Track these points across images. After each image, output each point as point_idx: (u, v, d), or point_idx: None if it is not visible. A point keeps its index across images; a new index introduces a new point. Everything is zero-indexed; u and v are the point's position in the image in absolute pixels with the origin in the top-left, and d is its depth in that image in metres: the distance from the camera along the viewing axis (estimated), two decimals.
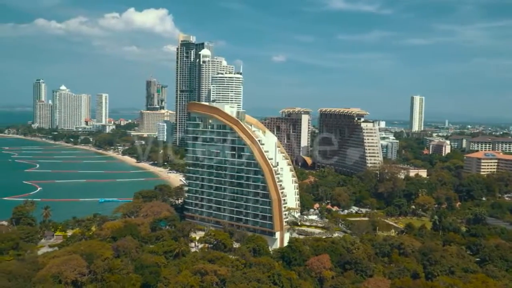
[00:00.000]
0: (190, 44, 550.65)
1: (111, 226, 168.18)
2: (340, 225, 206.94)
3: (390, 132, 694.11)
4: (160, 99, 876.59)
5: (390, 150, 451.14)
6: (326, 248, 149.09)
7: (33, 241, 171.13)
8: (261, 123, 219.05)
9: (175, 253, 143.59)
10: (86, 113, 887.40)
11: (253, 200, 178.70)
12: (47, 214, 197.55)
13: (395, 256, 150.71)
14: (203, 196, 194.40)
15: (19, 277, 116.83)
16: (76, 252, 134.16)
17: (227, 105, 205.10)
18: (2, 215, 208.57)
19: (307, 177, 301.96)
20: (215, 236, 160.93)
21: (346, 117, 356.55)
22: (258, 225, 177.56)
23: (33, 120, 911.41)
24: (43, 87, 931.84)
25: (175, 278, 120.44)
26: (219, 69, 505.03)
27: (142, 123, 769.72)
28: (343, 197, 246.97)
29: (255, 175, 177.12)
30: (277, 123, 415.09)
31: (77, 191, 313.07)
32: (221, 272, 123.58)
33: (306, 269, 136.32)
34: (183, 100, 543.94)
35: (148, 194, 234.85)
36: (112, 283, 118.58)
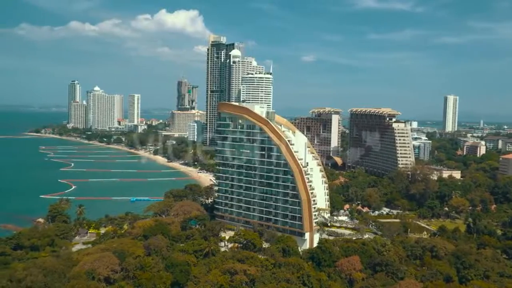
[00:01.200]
0: (220, 45, 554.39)
1: (142, 224, 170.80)
2: (371, 227, 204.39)
3: (423, 133, 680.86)
4: (191, 99, 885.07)
5: (423, 151, 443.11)
6: (356, 249, 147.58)
7: (67, 238, 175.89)
8: (291, 123, 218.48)
9: (205, 252, 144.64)
10: (119, 113, 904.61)
11: (283, 201, 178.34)
12: (81, 212, 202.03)
13: (427, 259, 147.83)
14: (233, 195, 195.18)
15: (54, 273, 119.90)
16: (108, 250, 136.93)
17: (257, 105, 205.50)
18: (39, 212, 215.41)
19: (337, 178, 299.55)
20: (245, 236, 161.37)
21: (377, 117, 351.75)
22: (287, 226, 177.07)
23: (68, 120, 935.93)
24: (77, 88, 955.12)
25: (204, 277, 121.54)
26: (249, 69, 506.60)
27: (173, 123, 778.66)
28: (374, 198, 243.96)
29: (285, 175, 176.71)
30: (307, 123, 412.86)
31: (109, 189, 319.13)
32: (251, 271, 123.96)
33: (336, 270, 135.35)
34: (213, 100, 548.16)
35: (179, 193, 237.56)
36: (143, 280, 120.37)
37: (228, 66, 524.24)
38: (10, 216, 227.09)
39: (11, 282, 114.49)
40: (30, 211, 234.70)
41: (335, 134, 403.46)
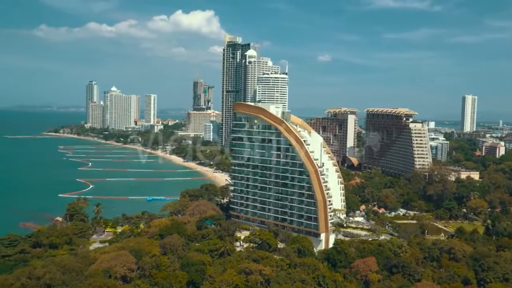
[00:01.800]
0: (236, 45, 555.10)
1: (158, 224, 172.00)
2: (387, 228, 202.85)
3: (440, 133, 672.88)
4: (206, 100, 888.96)
5: (440, 151, 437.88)
6: (372, 250, 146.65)
7: (85, 236, 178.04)
8: (306, 123, 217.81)
9: (220, 251, 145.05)
10: (136, 113, 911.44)
11: (298, 201, 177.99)
12: (99, 211, 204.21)
13: (444, 261, 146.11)
14: (248, 195, 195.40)
15: (72, 270, 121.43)
16: (125, 249, 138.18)
17: (273, 105, 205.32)
18: (58, 211, 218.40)
19: (353, 178, 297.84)
20: (260, 236, 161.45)
21: (393, 117, 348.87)
22: (303, 226, 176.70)
23: (85, 120, 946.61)
24: (95, 89, 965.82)
25: (220, 277, 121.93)
26: (265, 69, 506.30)
27: (189, 123, 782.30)
28: (390, 199, 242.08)
29: (300, 176, 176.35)
30: (323, 123, 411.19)
31: (126, 189, 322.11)
32: (266, 271, 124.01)
33: (352, 271, 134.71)
34: (229, 101, 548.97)
35: (195, 193, 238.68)
36: (159, 279, 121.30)
37: (243, 66, 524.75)
38: (29, 214, 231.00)
39: (30, 279, 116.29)
40: (49, 209, 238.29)
41: (351, 134, 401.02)
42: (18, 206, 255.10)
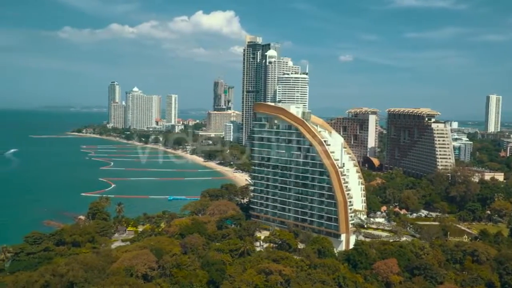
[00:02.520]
0: (256, 45, 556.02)
1: (179, 223, 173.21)
2: (409, 229, 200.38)
3: (463, 133, 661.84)
4: (227, 100, 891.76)
5: (463, 152, 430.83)
6: (393, 252, 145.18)
7: (107, 235, 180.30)
8: (327, 123, 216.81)
9: (240, 251, 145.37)
10: (157, 113, 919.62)
11: (318, 201, 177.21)
12: (120, 210, 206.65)
13: (468, 263, 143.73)
14: (268, 196, 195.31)
15: (94, 268, 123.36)
16: (146, 247, 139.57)
17: (293, 105, 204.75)
18: (80, 209, 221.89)
19: (374, 179, 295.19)
20: (280, 236, 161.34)
21: (415, 117, 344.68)
22: (323, 227, 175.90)
23: (108, 120, 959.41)
24: (117, 89, 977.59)
25: (240, 276, 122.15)
26: (285, 69, 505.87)
27: (210, 123, 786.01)
28: (412, 200, 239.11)
29: (321, 176, 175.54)
30: (344, 124, 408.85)
31: (147, 188, 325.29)
32: (286, 272, 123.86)
33: (373, 273, 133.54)
34: (249, 101, 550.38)
35: (215, 192, 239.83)
36: (180, 278, 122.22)
37: (264, 66, 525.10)
38: (53, 212, 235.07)
39: (54, 276, 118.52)
40: (72, 208, 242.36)
41: (372, 134, 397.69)
42: (42, 204, 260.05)
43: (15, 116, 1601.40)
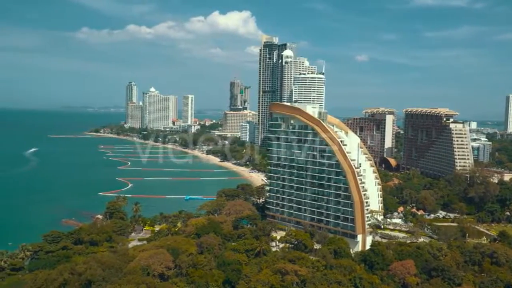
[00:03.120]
0: (272, 45, 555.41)
1: (195, 223, 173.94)
2: (426, 230, 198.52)
3: (482, 134, 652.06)
4: (243, 100, 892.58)
5: (482, 153, 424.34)
6: (410, 253, 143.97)
7: (124, 234, 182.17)
8: (343, 123, 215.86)
9: (256, 251, 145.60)
10: (173, 113, 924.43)
11: (335, 202, 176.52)
12: (137, 210, 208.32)
13: (486, 265, 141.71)
14: (284, 196, 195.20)
15: (112, 267, 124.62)
16: (163, 247, 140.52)
17: (309, 105, 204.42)
18: (98, 209, 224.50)
19: (391, 179, 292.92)
20: (296, 236, 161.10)
21: (433, 117, 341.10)
22: (339, 227, 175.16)
23: (125, 120, 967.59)
24: (134, 89, 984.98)
25: (256, 276, 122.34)
26: (301, 69, 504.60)
27: (226, 123, 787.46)
28: (430, 200, 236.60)
29: (337, 176, 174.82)
30: (360, 124, 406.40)
31: (164, 188, 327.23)
32: (302, 272, 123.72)
33: (389, 274, 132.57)
34: (265, 101, 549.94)
35: (231, 192, 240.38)
36: (196, 278, 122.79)
37: (280, 66, 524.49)
38: (71, 211, 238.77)
39: (72, 275, 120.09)
40: (89, 207, 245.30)
41: (389, 134, 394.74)
42: (60, 203, 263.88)
43: (34, 116, 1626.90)
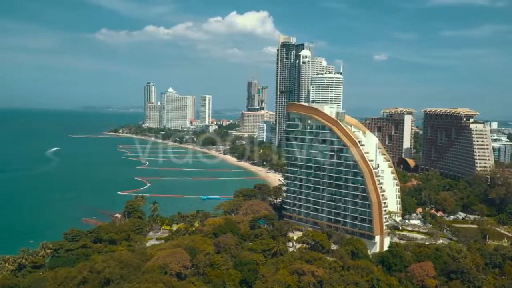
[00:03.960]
0: (290, 45, 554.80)
1: (212, 222, 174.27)
2: (445, 232, 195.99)
3: (503, 134, 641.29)
4: (260, 100, 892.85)
5: (503, 153, 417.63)
6: (429, 255, 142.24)
7: (142, 233, 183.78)
8: (361, 123, 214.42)
9: (273, 251, 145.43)
10: (191, 113, 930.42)
11: (352, 202, 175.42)
12: (155, 209, 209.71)
13: (507, 268, 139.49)
14: (301, 196, 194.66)
15: (130, 266, 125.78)
16: (180, 246, 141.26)
17: (327, 105, 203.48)
18: (117, 208, 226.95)
19: (410, 180, 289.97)
20: (313, 237, 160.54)
21: (453, 117, 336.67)
22: (357, 228, 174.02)
23: (143, 120, 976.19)
24: (152, 90, 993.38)
25: (272, 277, 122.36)
26: (319, 69, 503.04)
27: (243, 123, 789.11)
28: (449, 202, 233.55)
29: (354, 177, 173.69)
30: (378, 124, 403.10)
31: (182, 188, 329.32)
32: (319, 273, 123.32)
33: (408, 275, 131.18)
34: (282, 101, 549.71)
35: (248, 192, 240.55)
36: (213, 277, 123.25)
37: (297, 66, 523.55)
38: (90, 210, 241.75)
39: (91, 273, 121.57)
40: (108, 206, 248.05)
41: (408, 135, 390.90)
42: (80, 202, 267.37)
43: (55, 116, 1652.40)
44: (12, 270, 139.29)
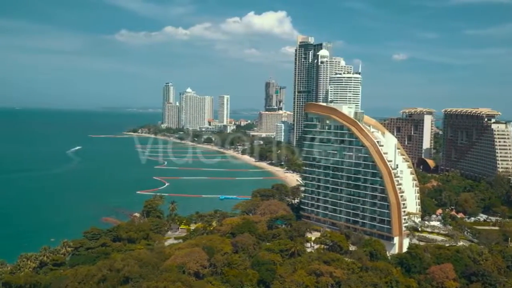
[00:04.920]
0: (308, 45, 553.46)
1: (230, 222, 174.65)
2: (466, 234, 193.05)
3: None
4: (278, 100, 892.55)
5: None
6: (449, 257, 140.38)
7: (161, 232, 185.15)
8: (380, 123, 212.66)
9: (290, 252, 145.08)
10: (209, 113, 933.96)
11: (371, 203, 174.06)
12: (174, 208, 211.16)
13: None
14: (319, 196, 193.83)
15: (148, 265, 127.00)
16: (198, 245, 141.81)
17: (345, 105, 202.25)
18: (135, 207, 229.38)
19: (429, 181, 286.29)
20: (331, 238, 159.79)
21: (474, 117, 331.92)
22: (375, 229, 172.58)
23: (162, 120, 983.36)
24: (171, 90, 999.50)
25: (290, 277, 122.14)
26: (337, 69, 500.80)
27: (261, 123, 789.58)
28: (470, 203, 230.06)
29: (373, 177, 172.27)
30: (397, 124, 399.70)
31: (200, 187, 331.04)
32: (337, 274, 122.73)
33: (427, 277, 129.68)
34: (300, 101, 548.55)
35: (266, 192, 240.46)
36: (230, 277, 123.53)
37: (316, 66, 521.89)
38: (110, 209, 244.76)
39: (110, 271, 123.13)
40: (127, 205, 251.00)
41: (427, 135, 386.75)
42: (100, 201, 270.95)
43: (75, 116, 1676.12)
44: (34, 268, 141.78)
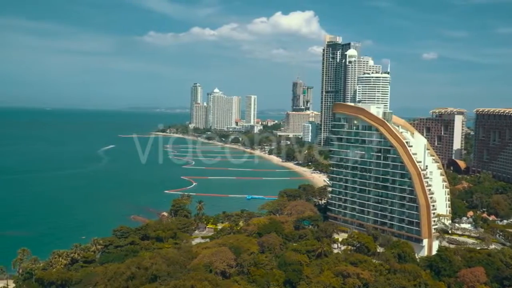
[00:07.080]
0: (336, 45, 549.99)
1: (257, 222, 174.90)
2: (498, 237, 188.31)
3: None
4: (305, 100, 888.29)
5: None
6: (480, 260, 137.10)
7: (188, 231, 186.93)
8: (409, 124, 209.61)
9: (317, 253, 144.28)
10: (236, 114, 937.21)
11: (399, 204, 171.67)
12: (201, 208, 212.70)
13: None
14: (347, 197, 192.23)
15: (176, 263, 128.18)
16: (225, 245, 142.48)
17: (373, 105, 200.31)
18: (163, 206, 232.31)
19: (460, 182, 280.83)
20: (358, 239, 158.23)
21: (507, 117, 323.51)
22: (404, 231, 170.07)
23: (190, 120, 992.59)
24: (199, 90, 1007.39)
25: (317, 278, 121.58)
26: (366, 69, 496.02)
27: (288, 123, 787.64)
28: (502, 205, 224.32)
29: (402, 178, 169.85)
30: (427, 124, 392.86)
31: (227, 187, 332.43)
32: (364, 275, 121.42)
33: (457, 281, 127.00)
34: (328, 101, 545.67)
35: (292, 193, 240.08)
36: (257, 277, 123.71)
37: (343, 66, 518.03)
38: (139, 208, 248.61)
39: (139, 269, 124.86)
40: (155, 204, 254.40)
41: (458, 135, 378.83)
42: (129, 200, 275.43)
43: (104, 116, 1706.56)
44: (66, 264, 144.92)
